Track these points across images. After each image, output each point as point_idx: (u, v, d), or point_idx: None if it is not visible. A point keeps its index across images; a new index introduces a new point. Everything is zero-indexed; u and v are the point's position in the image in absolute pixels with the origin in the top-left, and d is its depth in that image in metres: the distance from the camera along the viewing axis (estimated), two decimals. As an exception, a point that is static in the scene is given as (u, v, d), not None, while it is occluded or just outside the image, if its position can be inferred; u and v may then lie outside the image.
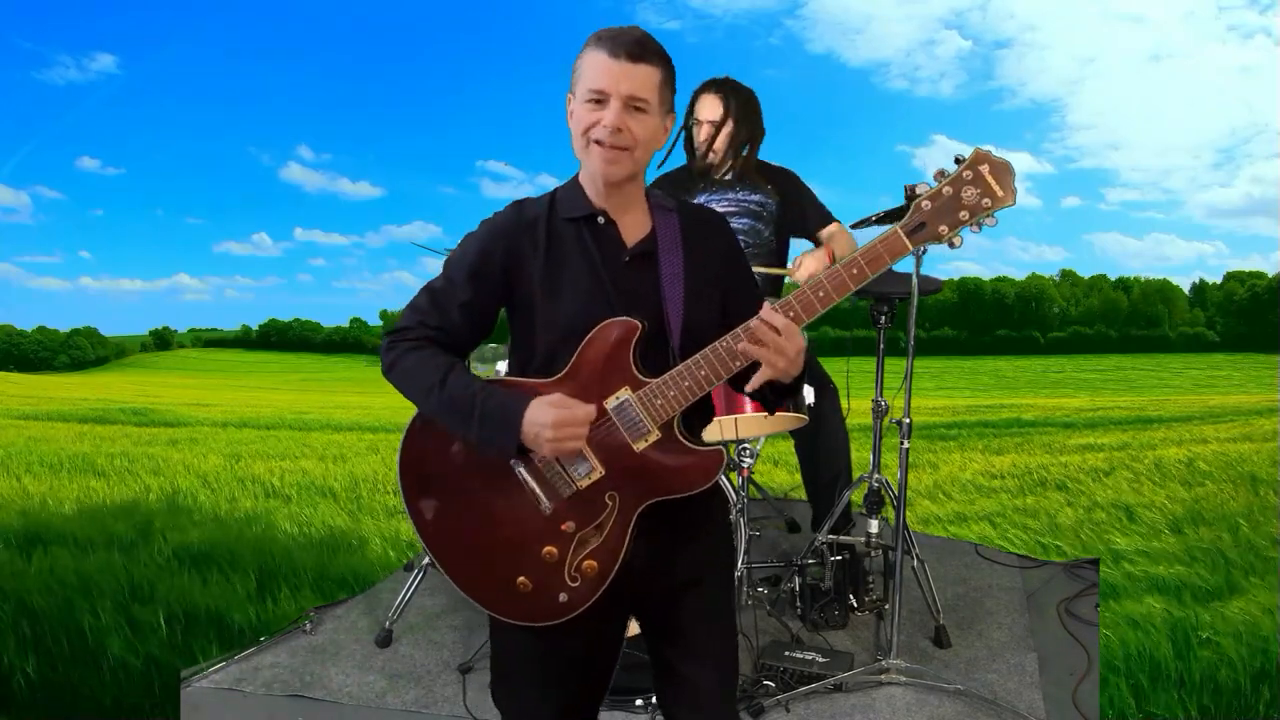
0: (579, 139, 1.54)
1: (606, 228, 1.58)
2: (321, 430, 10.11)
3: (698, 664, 1.65)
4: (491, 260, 1.57)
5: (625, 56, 1.50)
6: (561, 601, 1.55)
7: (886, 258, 1.47)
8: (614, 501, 1.54)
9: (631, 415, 1.51)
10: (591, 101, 1.51)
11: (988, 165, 1.44)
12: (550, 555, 1.55)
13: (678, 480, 1.53)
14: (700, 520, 1.65)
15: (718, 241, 1.66)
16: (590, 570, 1.55)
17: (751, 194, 3.34)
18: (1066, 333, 39.04)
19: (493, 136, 68.69)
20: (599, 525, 1.54)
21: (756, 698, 2.63)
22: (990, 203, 1.45)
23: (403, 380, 1.57)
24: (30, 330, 40.14)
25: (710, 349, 1.50)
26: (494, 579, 1.58)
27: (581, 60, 1.53)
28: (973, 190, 1.45)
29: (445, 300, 1.58)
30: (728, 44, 56.67)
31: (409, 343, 1.57)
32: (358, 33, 54.94)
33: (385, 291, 66.34)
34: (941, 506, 5.37)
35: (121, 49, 52.36)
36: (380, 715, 2.72)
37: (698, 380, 1.50)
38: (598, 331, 1.51)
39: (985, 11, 52.91)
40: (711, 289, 1.61)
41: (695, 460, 1.53)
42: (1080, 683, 2.79)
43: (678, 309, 1.56)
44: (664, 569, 1.62)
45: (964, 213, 1.45)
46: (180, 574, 4.02)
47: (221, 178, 66.12)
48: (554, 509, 1.55)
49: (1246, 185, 48.76)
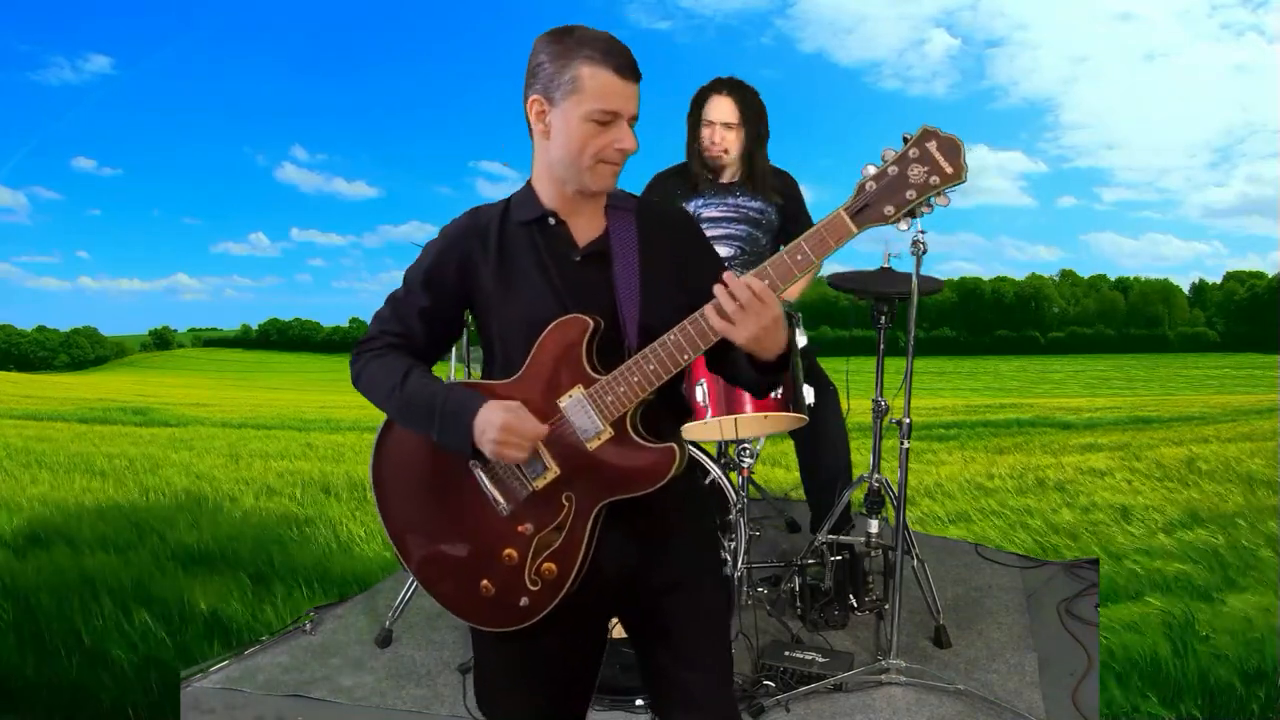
0: (581, 157, 1.49)
1: (558, 228, 1.56)
2: (321, 430, 10.11)
3: (690, 667, 1.62)
4: (446, 266, 1.57)
5: (631, 76, 1.47)
6: (522, 606, 1.53)
7: (831, 242, 1.42)
8: (570, 502, 1.51)
9: (583, 413, 1.49)
10: (595, 122, 1.47)
11: (935, 141, 1.38)
12: (510, 558, 1.53)
13: (631, 479, 1.50)
14: (673, 520, 1.61)
15: (677, 237, 1.62)
16: (550, 573, 1.52)
17: (752, 200, 3.30)
18: (1065, 333, 38.99)
19: (487, 136, 68.67)
20: (557, 526, 1.52)
21: (756, 698, 2.63)
22: (939, 180, 1.38)
23: (368, 387, 1.58)
24: (30, 330, 40.13)
25: (659, 342, 1.46)
26: (459, 583, 1.57)
27: (574, 73, 1.46)
28: (920, 168, 1.38)
29: (405, 308, 1.59)
30: (719, 44, 56.61)
31: (372, 352, 1.59)
32: (351, 33, 54.98)
33: (383, 291, 65.86)
34: (941, 506, 5.37)
35: (116, 50, 52.42)
36: (380, 715, 2.73)
37: (646, 375, 1.46)
38: (551, 330, 1.50)
39: (976, 10, 52.91)
40: (672, 288, 1.55)
41: (648, 458, 1.49)
42: (1080, 683, 2.79)
43: (633, 308, 1.52)
44: (640, 572, 1.59)
45: (911, 191, 1.39)
46: (180, 574, 4.02)
47: (218, 178, 66.18)
48: (512, 510, 1.53)
49: (1242, 185, 48.78)
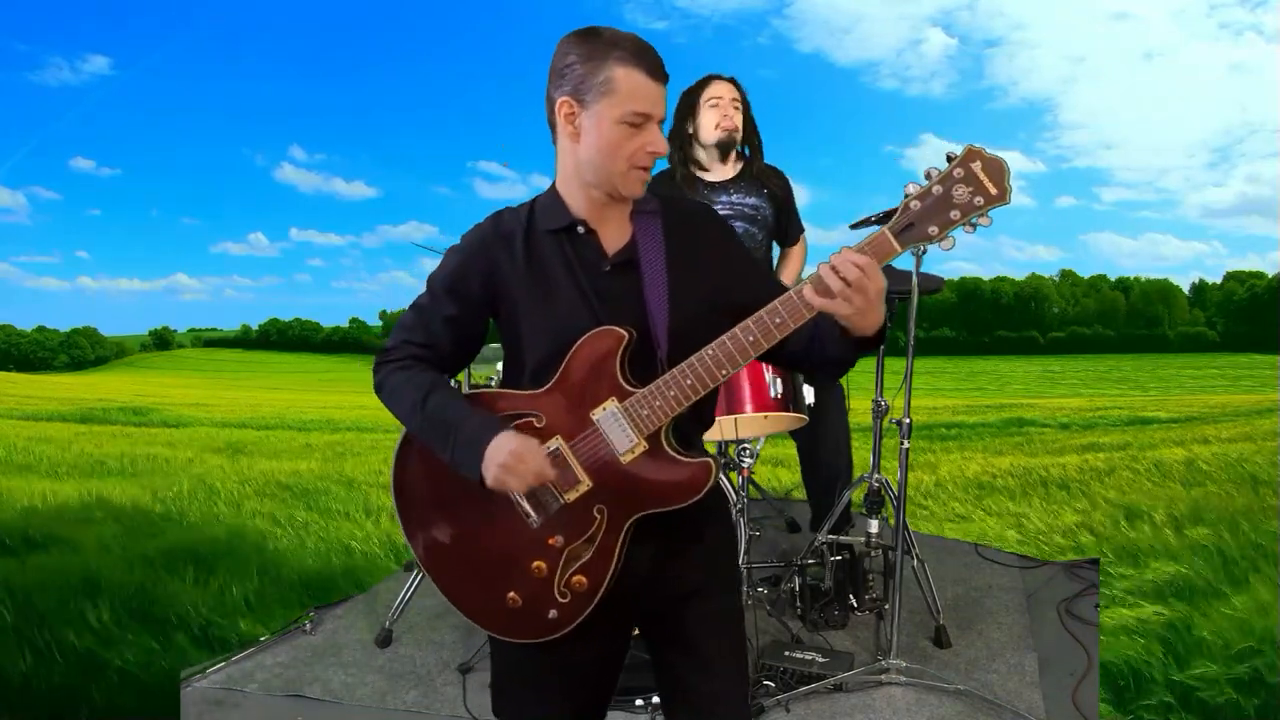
0: (615, 161, 1.47)
1: (587, 237, 1.54)
2: (321, 430, 10.11)
3: (708, 675, 1.60)
4: (470, 275, 1.56)
5: (661, 77, 1.46)
6: (551, 618, 1.53)
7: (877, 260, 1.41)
8: (602, 515, 1.50)
9: (617, 426, 1.48)
10: (628, 124, 1.45)
11: (980, 162, 1.38)
12: (539, 570, 1.52)
13: (666, 493, 1.49)
14: (701, 525, 1.61)
15: (704, 235, 1.60)
16: (580, 586, 1.51)
17: (747, 197, 3.30)
18: (1066, 333, 38.96)
19: (486, 137, 68.64)
20: (588, 539, 1.51)
21: (756, 698, 2.63)
22: (983, 201, 1.38)
23: (390, 400, 1.57)
24: (29, 330, 40.09)
25: (696, 357, 1.45)
26: (484, 594, 1.56)
27: (607, 74, 1.44)
28: (964, 189, 1.38)
29: (429, 317, 1.58)
30: (716, 44, 56.62)
31: (395, 363, 1.58)
32: (350, 33, 54.96)
33: (383, 291, 66.11)
34: (942, 506, 5.37)
35: (115, 51, 52.39)
36: (380, 715, 2.73)
37: (684, 390, 1.46)
38: (584, 341, 1.49)
39: (974, 10, 52.83)
40: (702, 288, 1.54)
41: (684, 472, 1.49)
42: (1080, 683, 2.79)
43: (662, 316, 1.51)
44: (666, 578, 1.59)
45: (955, 212, 1.39)
46: (180, 574, 4.02)
47: (216, 178, 66.13)
48: (542, 523, 1.52)
49: (1241, 185, 48.66)
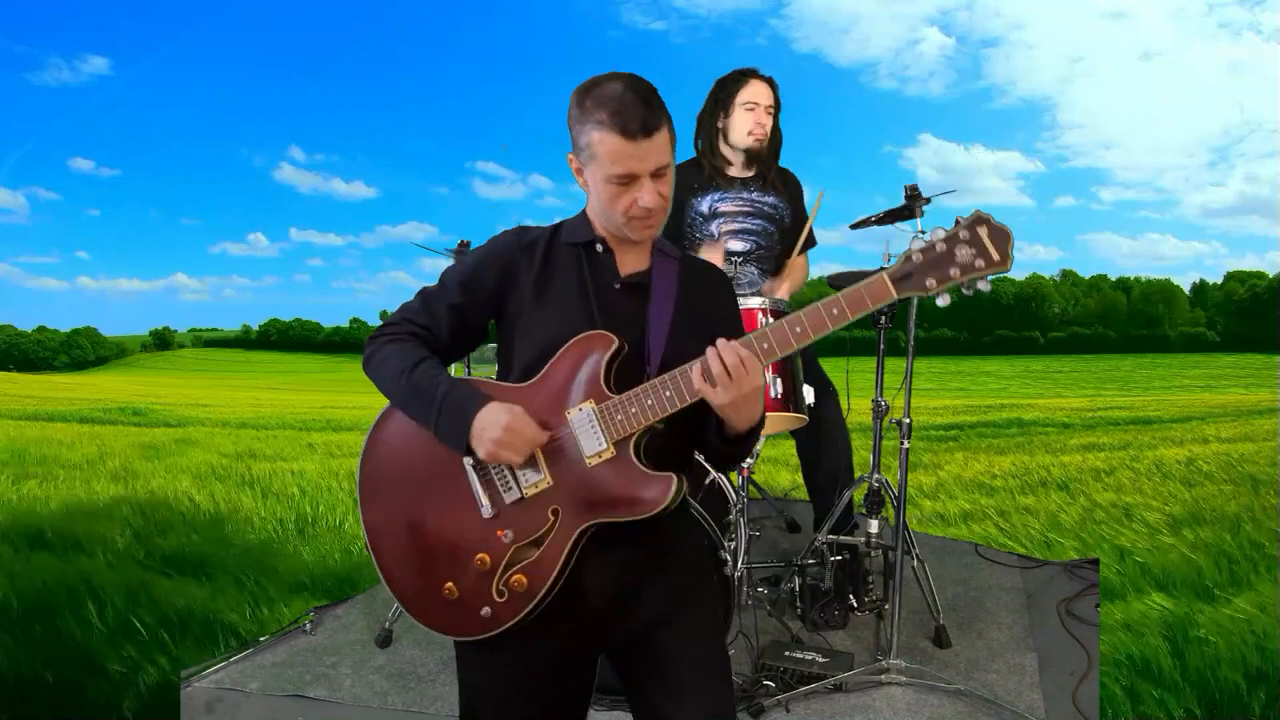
0: (615, 214, 1.50)
1: (604, 255, 1.57)
2: (321, 430, 10.12)
3: (679, 705, 1.55)
4: (485, 273, 1.57)
5: (641, 134, 1.44)
6: (484, 615, 1.50)
7: (868, 302, 1.43)
8: (555, 517, 1.49)
9: (589, 427, 1.48)
10: (616, 184, 1.47)
11: (986, 228, 1.41)
12: (482, 563, 1.50)
13: (622, 504, 1.46)
14: (669, 551, 1.59)
15: (715, 294, 1.64)
16: (519, 586, 1.49)
17: (765, 195, 3.31)
18: (1066, 333, 38.99)
19: (485, 137, 68.79)
20: (536, 540, 1.49)
21: (756, 698, 2.63)
22: (984, 265, 1.41)
23: (378, 369, 1.56)
24: (30, 330, 40.14)
25: (679, 370, 1.46)
26: (422, 580, 1.55)
27: (588, 138, 1.47)
28: (967, 250, 1.41)
29: (435, 302, 1.59)
30: (714, 44, 56.83)
31: (389, 336, 1.58)
32: (349, 34, 55.02)
33: (382, 291, 66.31)
34: (942, 506, 5.38)
35: (113, 51, 52.44)
36: (380, 715, 2.72)
37: (660, 400, 1.45)
38: (576, 341, 1.49)
39: (972, 10, 53.00)
40: (700, 338, 1.49)
41: (643, 486, 1.46)
42: (1080, 683, 2.79)
43: (660, 340, 1.53)
44: (633, 604, 1.56)
45: (955, 270, 1.41)
46: (180, 574, 4.02)
47: (215, 179, 66.15)
48: (494, 513, 1.51)
49: (1240, 184, 48.69)
